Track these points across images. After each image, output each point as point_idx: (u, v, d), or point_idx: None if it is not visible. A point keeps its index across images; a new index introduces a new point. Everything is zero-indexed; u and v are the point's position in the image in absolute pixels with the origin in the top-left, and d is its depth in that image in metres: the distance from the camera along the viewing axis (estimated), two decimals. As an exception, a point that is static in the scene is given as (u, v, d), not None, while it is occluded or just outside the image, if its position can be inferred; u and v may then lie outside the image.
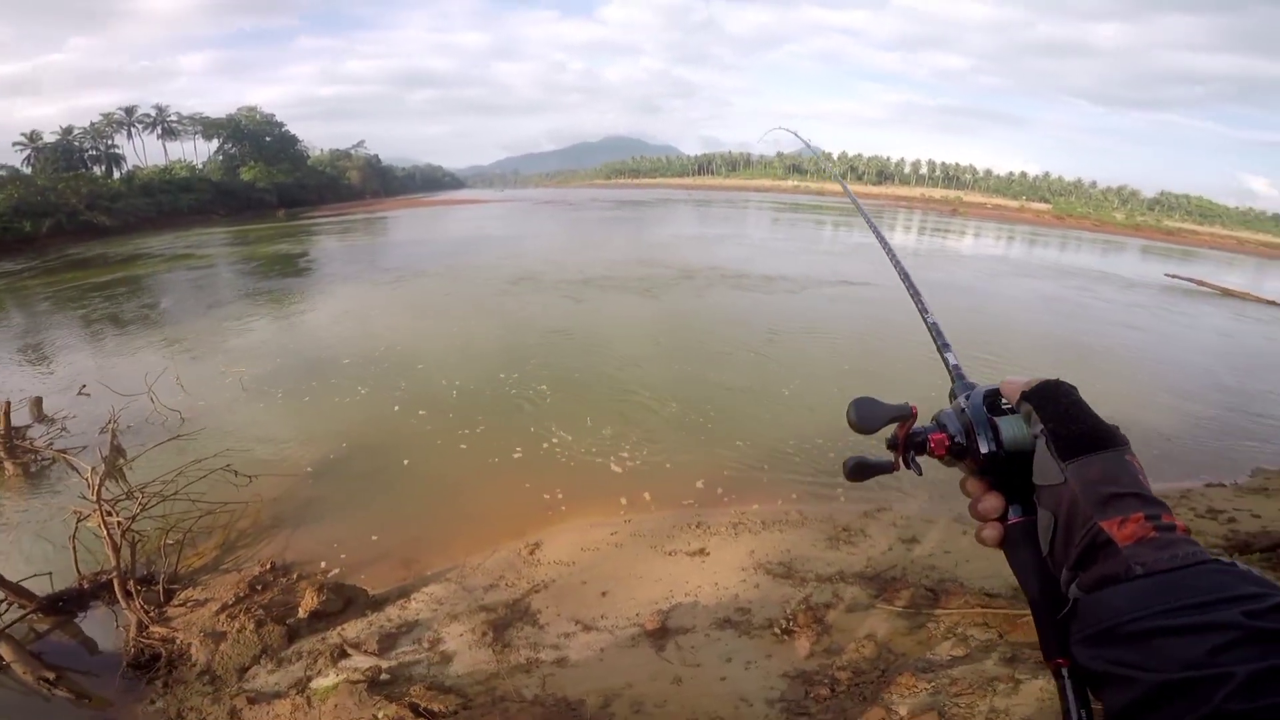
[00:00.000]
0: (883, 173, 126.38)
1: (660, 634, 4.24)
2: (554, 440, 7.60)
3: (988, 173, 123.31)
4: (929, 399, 0.80)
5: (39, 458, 7.22)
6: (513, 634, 4.34)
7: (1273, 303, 22.91)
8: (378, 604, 4.80)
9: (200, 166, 65.90)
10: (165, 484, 5.65)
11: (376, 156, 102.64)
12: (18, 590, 4.65)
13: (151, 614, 4.64)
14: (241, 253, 28.44)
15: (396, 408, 8.59)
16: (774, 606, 4.50)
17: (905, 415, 0.78)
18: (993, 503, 0.71)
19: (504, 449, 7.38)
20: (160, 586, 4.97)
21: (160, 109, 69.38)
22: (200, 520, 5.78)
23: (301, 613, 4.50)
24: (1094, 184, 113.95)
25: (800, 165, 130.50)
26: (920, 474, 0.82)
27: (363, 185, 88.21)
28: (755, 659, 3.97)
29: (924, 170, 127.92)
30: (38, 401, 8.67)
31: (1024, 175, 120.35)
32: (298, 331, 13.25)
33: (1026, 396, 0.69)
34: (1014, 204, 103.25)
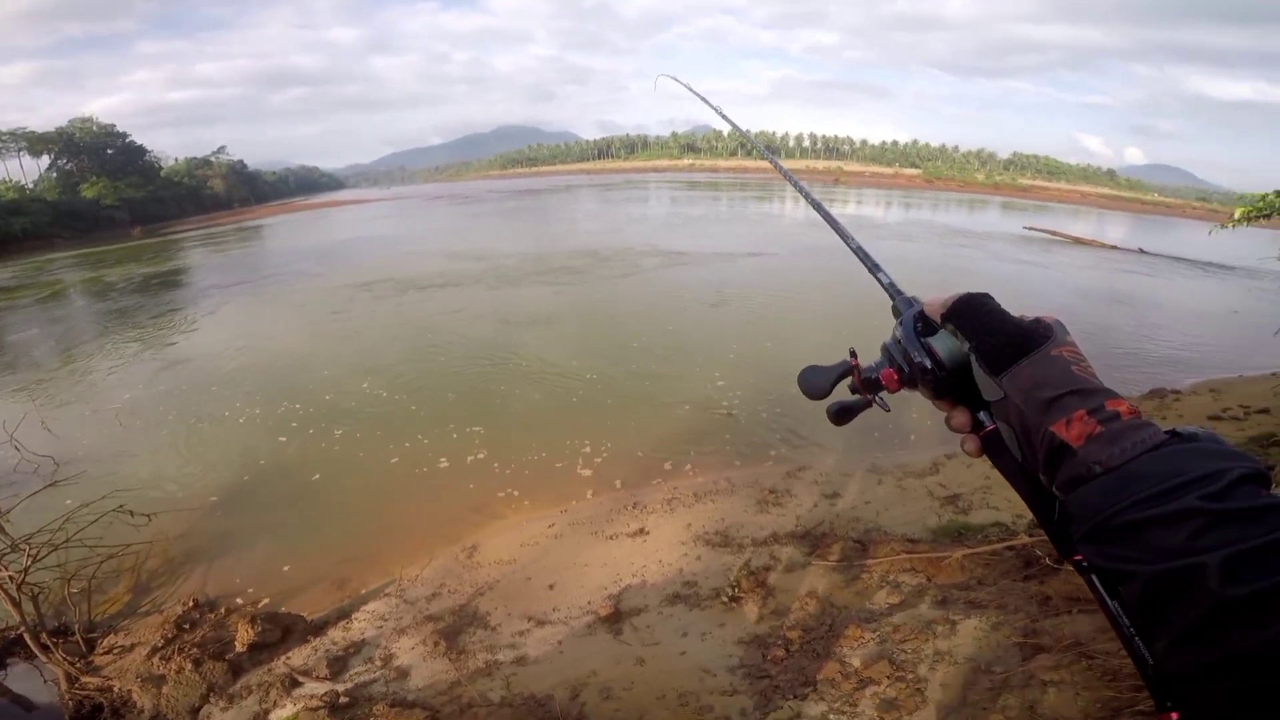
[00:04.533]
0: (770, 147, 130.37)
1: (615, 618, 4.25)
2: (476, 442, 7.42)
3: (864, 143, 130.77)
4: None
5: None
6: (466, 639, 4.24)
7: (1114, 247, 26.06)
8: (318, 628, 4.58)
9: (31, 186, 58.30)
10: (53, 533, 5.08)
11: (241, 162, 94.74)
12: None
13: (77, 665, 4.30)
14: (94, 277, 25.51)
15: (291, 426, 8.06)
16: (718, 576, 4.57)
17: (848, 370, 0.77)
18: (961, 418, 0.69)
19: (429, 458, 7.12)
20: (78, 636, 4.57)
21: (-28, 125, 60.15)
22: (103, 565, 5.25)
23: (239, 646, 4.24)
24: (956, 148, 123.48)
25: (695, 144, 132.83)
26: (888, 410, 0.82)
27: (228, 194, 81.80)
28: (709, 630, 4.04)
29: (807, 143, 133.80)
30: None
31: (895, 143, 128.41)
32: (173, 357, 12.04)
33: (946, 318, 0.68)
34: (889, 171, 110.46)
